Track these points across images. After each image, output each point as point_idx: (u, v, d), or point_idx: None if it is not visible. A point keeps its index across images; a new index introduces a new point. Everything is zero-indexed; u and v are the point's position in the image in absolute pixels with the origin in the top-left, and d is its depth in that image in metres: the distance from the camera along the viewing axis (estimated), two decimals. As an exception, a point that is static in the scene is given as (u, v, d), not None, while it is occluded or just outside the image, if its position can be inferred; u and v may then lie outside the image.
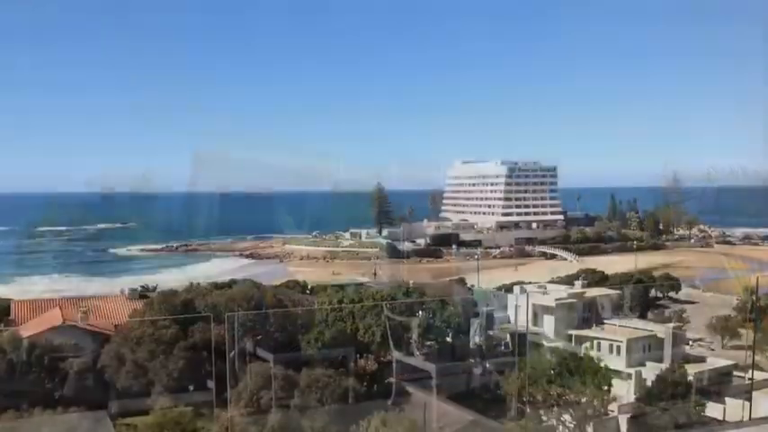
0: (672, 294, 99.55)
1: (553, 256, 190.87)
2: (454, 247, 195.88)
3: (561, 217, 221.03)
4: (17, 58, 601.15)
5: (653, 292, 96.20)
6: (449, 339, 55.79)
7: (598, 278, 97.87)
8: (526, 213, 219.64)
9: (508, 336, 58.92)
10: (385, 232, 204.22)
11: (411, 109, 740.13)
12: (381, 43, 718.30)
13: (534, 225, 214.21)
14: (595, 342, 54.59)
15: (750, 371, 38.98)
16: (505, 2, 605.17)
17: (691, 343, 63.98)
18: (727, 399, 42.64)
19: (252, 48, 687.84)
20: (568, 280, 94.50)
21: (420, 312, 54.05)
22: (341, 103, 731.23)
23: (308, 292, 74.41)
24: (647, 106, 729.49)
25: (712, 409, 41.96)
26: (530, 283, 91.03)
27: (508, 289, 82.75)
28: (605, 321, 58.47)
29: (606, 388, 42.38)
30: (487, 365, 53.32)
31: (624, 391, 48.14)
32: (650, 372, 49.05)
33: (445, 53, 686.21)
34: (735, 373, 47.96)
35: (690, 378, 45.22)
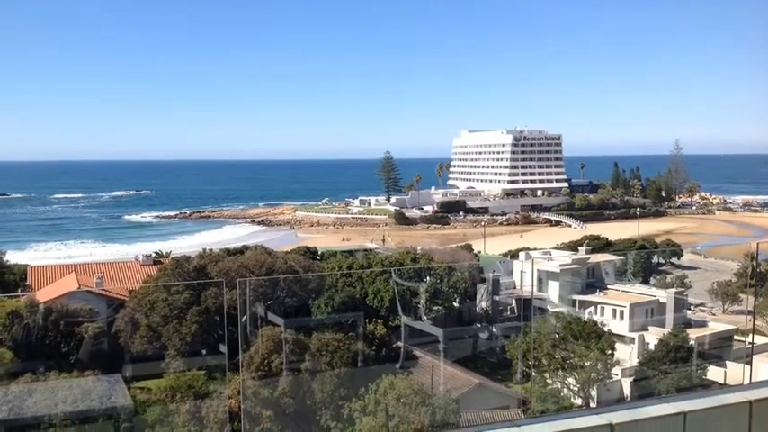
0: (674, 260, 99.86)
1: (558, 223, 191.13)
2: (461, 214, 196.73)
3: (566, 184, 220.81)
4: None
5: (655, 258, 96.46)
6: (456, 304, 56.59)
7: (602, 244, 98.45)
8: (531, 181, 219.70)
9: (514, 301, 59.77)
10: (393, 200, 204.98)
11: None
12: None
13: (539, 192, 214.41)
14: (599, 307, 55.09)
15: (750, 335, 39.72)
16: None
17: (692, 308, 64.52)
18: (727, 362, 43.14)
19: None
20: (573, 246, 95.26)
21: (428, 278, 54.80)
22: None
23: (318, 258, 74.88)
24: (651, 77, 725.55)
25: (713, 373, 42.65)
26: (535, 249, 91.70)
27: (514, 255, 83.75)
28: (609, 287, 59.01)
29: (609, 352, 42.92)
30: (494, 330, 54.25)
31: (627, 355, 48.76)
32: (652, 336, 49.61)
33: (448, 23, 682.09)
34: (735, 337, 48.40)
35: (691, 342, 45.67)
